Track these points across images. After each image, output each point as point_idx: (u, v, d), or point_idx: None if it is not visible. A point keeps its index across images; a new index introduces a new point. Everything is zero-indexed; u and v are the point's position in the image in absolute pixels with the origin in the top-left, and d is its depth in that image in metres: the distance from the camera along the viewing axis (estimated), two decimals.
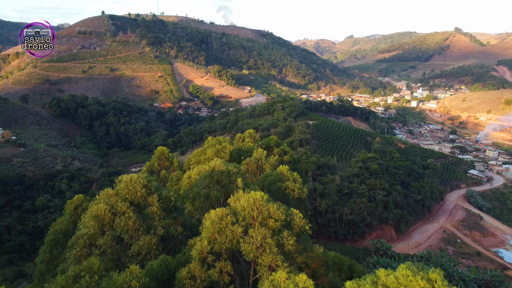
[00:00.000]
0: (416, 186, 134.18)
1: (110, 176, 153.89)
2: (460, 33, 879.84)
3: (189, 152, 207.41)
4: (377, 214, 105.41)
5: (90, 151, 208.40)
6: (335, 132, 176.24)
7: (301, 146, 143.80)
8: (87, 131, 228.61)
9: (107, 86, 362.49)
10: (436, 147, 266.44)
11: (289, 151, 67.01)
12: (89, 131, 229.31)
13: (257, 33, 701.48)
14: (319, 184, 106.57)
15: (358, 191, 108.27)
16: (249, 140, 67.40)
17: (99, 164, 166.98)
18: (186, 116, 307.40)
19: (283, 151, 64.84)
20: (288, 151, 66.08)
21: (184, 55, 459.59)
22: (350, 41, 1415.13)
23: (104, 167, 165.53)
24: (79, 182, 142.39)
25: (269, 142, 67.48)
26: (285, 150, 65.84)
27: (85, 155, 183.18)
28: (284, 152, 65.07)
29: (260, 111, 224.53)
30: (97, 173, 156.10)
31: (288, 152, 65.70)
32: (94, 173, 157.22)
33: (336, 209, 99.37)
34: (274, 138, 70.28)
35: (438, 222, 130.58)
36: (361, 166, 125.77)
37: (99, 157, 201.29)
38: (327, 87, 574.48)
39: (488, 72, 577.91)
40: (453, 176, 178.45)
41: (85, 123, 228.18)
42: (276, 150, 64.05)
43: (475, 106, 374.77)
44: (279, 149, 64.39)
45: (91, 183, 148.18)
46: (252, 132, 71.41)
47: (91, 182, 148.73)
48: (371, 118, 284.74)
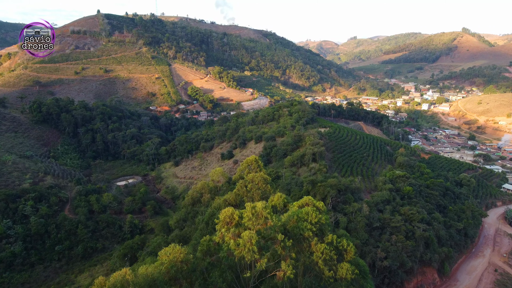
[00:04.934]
0: (455, 211, 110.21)
1: (87, 195, 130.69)
2: (468, 33, 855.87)
3: (184, 163, 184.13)
4: (418, 256, 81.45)
5: (72, 161, 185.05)
6: (352, 142, 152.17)
7: (314, 161, 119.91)
8: (71, 138, 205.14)
9: (101, 88, 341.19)
10: (457, 155, 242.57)
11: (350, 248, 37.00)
12: (73, 138, 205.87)
13: (260, 33, 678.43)
14: (342, 215, 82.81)
15: (392, 224, 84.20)
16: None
17: (75, 180, 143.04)
18: (183, 120, 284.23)
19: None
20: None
21: (183, 56, 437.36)
22: (354, 42, 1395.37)
23: (81, 183, 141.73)
24: (48, 204, 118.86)
25: None
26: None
27: (63, 168, 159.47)
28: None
29: (263, 116, 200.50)
30: (72, 191, 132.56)
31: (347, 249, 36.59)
32: (69, 191, 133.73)
33: (366, 252, 75.48)
34: None
35: (484, 255, 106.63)
36: (390, 188, 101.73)
37: (82, 169, 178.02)
38: (332, 89, 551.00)
39: (501, 73, 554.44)
40: (487, 192, 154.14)
41: (69, 129, 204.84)
42: None
43: (493, 109, 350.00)
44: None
45: (63, 205, 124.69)
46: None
47: (63, 203, 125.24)
48: (383, 123, 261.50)
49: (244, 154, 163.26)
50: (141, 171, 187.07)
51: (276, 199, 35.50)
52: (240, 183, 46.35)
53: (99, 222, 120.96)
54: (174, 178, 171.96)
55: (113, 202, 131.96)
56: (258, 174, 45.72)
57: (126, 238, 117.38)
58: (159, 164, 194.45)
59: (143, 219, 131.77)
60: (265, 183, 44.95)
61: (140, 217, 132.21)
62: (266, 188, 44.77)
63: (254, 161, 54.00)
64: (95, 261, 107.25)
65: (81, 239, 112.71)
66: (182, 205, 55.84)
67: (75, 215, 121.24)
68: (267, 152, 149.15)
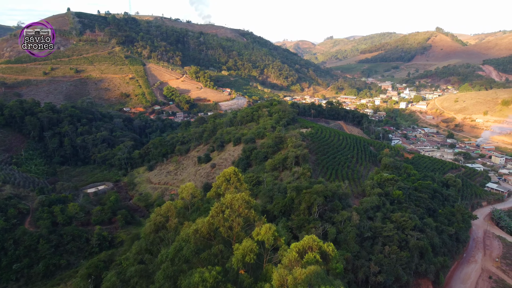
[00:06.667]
0: (445, 214, 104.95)
1: (51, 206, 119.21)
2: (442, 32, 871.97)
3: (158, 168, 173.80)
4: (413, 267, 74.97)
5: (37, 168, 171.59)
6: (335, 143, 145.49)
7: (297, 165, 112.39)
8: (37, 143, 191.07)
9: (71, 89, 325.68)
10: (437, 153, 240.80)
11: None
12: (38, 143, 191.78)
13: (237, 32, 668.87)
14: (330, 225, 75.45)
15: (384, 233, 77.42)
16: None
17: (38, 189, 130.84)
18: (159, 122, 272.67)
19: None
20: None
21: (158, 55, 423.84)
22: (330, 42, 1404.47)
23: (45, 192, 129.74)
24: (5, 216, 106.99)
25: None
26: None
27: (25, 176, 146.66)
28: None
29: (242, 117, 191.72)
30: (34, 201, 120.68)
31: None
32: (31, 202, 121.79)
33: (358, 266, 68.28)
34: None
35: (476, 260, 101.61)
36: (379, 192, 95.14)
37: (47, 176, 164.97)
38: (310, 88, 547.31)
39: (474, 71, 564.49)
40: (472, 192, 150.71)
41: (34, 133, 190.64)
42: None
43: (470, 107, 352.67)
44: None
45: (23, 217, 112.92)
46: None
47: (23, 216, 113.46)
48: (364, 122, 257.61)
49: (222, 157, 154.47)
50: (112, 176, 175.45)
51: (264, 233, 27.35)
52: (215, 208, 36.71)
53: (64, 236, 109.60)
54: (148, 184, 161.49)
55: (80, 212, 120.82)
56: (239, 196, 36.75)
57: (94, 252, 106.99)
58: (132, 169, 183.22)
59: (113, 230, 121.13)
60: (247, 207, 36.08)
61: (110, 228, 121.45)
62: (250, 214, 36.12)
63: (233, 173, 45.40)
64: (58, 280, 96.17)
65: (43, 255, 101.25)
66: (142, 234, 46.55)
67: (37, 228, 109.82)
68: (247, 155, 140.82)
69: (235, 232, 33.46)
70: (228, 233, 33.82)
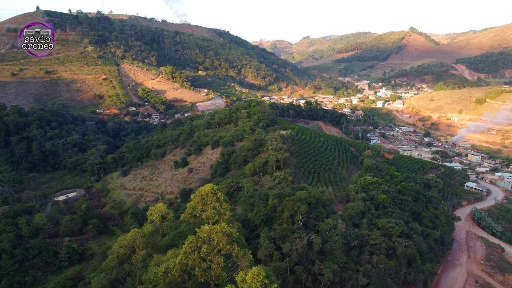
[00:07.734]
0: (429, 217, 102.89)
1: (15, 217, 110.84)
2: (416, 32, 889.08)
3: (133, 173, 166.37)
4: (402, 277, 71.79)
5: (3, 175, 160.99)
6: (316, 144, 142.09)
7: (278, 169, 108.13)
8: (2, 149, 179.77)
9: (42, 91, 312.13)
10: (416, 152, 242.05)
11: None
12: (4, 148, 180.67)
13: (213, 32, 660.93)
14: (315, 234, 71.42)
15: (371, 241, 73.95)
16: None
17: (1, 198, 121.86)
18: (134, 124, 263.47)
19: None
20: None
21: (133, 55, 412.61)
22: (307, 42, 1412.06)
23: (9, 202, 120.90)
24: None
25: None
26: None
27: None
28: None
29: (220, 119, 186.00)
30: None
31: None
32: None
33: (346, 278, 64.40)
34: None
35: (461, 264, 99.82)
36: (364, 197, 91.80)
37: (13, 184, 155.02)
38: (288, 88, 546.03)
39: (448, 70, 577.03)
40: (453, 192, 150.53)
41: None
42: None
43: (445, 106, 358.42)
44: None
45: None
46: None
47: None
48: (343, 122, 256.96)
49: (200, 161, 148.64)
50: (84, 183, 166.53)
51: (251, 280, 22.14)
52: (189, 243, 29.97)
53: (29, 250, 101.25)
54: (122, 190, 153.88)
55: (48, 223, 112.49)
56: (218, 228, 30.33)
57: (63, 266, 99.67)
58: (105, 175, 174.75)
59: (84, 241, 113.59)
60: (229, 243, 30.26)
61: (81, 239, 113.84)
62: (232, 249, 30.47)
63: (211, 192, 39.82)
64: None
65: (6, 272, 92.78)
66: (104, 267, 40.74)
67: None
68: (226, 159, 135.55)
69: (214, 273, 28.27)
70: (206, 275, 28.60)
